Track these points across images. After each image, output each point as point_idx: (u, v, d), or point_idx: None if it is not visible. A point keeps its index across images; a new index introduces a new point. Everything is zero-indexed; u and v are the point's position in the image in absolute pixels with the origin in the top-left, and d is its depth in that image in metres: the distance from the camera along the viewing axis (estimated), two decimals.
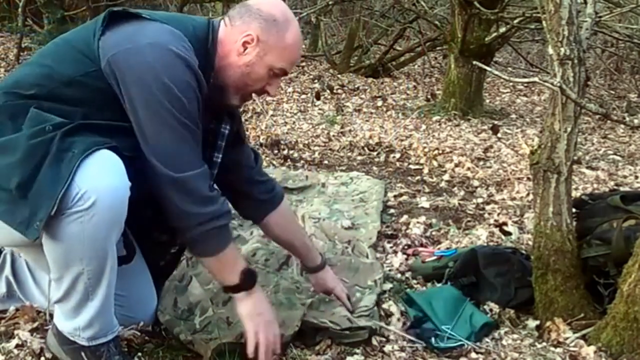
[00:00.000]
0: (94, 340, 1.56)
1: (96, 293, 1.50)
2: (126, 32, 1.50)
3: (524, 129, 5.21)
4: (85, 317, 1.53)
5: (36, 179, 1.37)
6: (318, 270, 2.00)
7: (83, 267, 1.46)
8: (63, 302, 1.53)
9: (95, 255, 1.46)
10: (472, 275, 2.17)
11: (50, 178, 1.37)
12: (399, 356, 1.81)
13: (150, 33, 1.50)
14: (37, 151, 1.38)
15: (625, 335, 1.78)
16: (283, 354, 1.73)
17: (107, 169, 1.41)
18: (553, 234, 1.94)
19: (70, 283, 1.48)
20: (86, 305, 1.52)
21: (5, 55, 7.13)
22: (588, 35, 1.94)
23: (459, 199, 3.27)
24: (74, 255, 1.44)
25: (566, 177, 1.93)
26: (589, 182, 3.64)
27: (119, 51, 1.47)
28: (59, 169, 1.37)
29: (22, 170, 1.37)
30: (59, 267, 1.47)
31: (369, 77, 7.28)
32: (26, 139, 1.40)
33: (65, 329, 1.57)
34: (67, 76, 1.50)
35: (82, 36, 1.55)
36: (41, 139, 1.39)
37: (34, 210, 1.37)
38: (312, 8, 7.13)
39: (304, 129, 4.83)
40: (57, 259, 1.46)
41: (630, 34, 5.55)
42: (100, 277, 1.49)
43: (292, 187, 3.22)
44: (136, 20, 1.53)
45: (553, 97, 1.91)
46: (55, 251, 1.44)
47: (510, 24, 5.24)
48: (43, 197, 1.36)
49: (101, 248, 1.46)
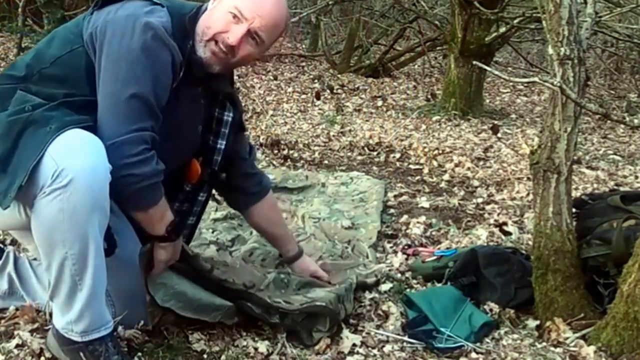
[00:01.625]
0: (86, 335, 1.56)
1: (83, 281, 1.50)
2: (110, 9, 1.58)
3: (524, 129, 5.21)
4: (76, 308, 1.53)
5: (14, 153, 1.44)
6: (297, 258, 2.11)
7: (66, 251, 1.47)
8: (55, 293, 1.54)
9: (76, 237, 1.46)
10: (472, 275, 2.17)
11: (26, 151, 1.43)
12: (398, 356, 1.81)
13: (131, 7, 1.57)
14: (14, 127, 1.46)
15: (625, 335, 1.78)
16: None
17: (86, 149, 1.44)
18: (553, 234, 1.94)
19: (58, 269, 1.49)
20: (76, 296, 1.52)
21: (5, 55, 7.12)
22: (588, 35, 1.94)
23: (459, 199, 3.27)
24: (56, 237, 1.46)
25: (566, 177, 1.93)
26: (589, 182, 3.64)
27: (99, 24, 1.55)
28: (35, 142, 1.43)
29: (1, 145, 1.45)
30: (45, 251, 1.49)
31: (369, 77, 7.29)
32: (6, 117, 1.48)
33: (60, 324, 1.57)
34: (54, 55, 1.58)
35: (77, 20, 1.66)
36: (19, 116, 1.47)
37: (11, 181, 1.42)
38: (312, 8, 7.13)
39: (304, 129, 4.83)
40: (42, 242, 1.48)
41: (630, 34, 5.55)
42: (85, 263, 1.49)
43: (292, 187, 3.22)
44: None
45: (553, 97, 1.91)
46: (40, 233, 1.47)
47: (510, 24, 5.24)
48: (19, 169, 1.42)
49: (82, 229, 1.45)
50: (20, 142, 1.44)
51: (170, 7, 1.62)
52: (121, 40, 1.52)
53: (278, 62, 7.92)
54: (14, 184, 1.41)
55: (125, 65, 1.51)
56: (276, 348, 1.78)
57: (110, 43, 1.53)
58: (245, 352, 1.75)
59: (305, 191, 3.22)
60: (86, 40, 1.56)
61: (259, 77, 6.77)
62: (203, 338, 1.79)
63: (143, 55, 1.52)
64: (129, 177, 1.52)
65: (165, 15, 1.59)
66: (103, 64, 1.54)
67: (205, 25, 1.66)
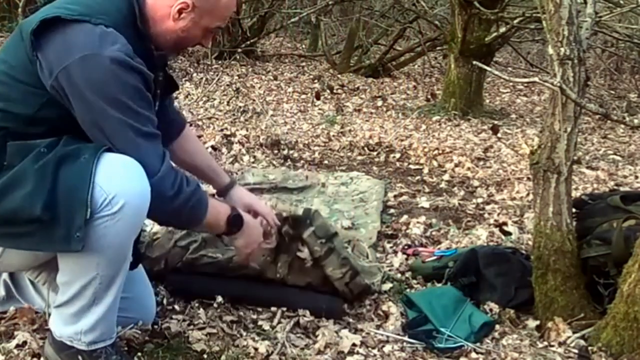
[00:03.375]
0: (94, 344, 1.55)
1: (103, 299, 1.50)
2: (57, 48, 1.41)
3: (524, 129, 5.21)
4: (88, 321, 1.52)
5: (57, 197, 1.36)
6: (230, 188, 1.91)
7: (97, 273, 1.46)
8: (64, 307, 1.52)
9: (113, 260, 1.46)
10: (472, 275, 2.17)
11: (72, 188, 1.36)
12: (398, 356, 1.81)
13: (80, 42, 1.41)
14: (46, 171, 1.37)
15: (625, 335, 1.78)
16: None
17: (132, 172, 1.41)
18: (553, 234, 1.94)
19: (79, 289, 1.48)
20: (89, 311, 1.51)
21: None
22: (588, 35, 1.94)
23: (459, 199, 3.27)
24: (91, 261, 1.44)
25: (566, 177, 1.93)
26: (589, 182, 3.64)
27: (57, 74, 1.40)
28: (77, 176, 1.37)
29: (41, 193, 1.36)
30: (72, 272, 1.47)
31: (369, 77, 7.28)
32: (30, 165, 1.38)
33: (65, 333, 1.55)
34: (26, 115, 1.46)
35: (19, 64, 1.46)
36: (45, 160, 1.38)
37: (68, 223, 1.36)
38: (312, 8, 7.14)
39: (304, 129, 4.82)
40: (73, 265, 1.46)
41: (630, 34, 5.55)
42: (112, 283, 1.49)
43: (292, 187, 3.22)
44: (62, 26, 1.42)
45: (553, 97, 1.91)
46: (73, 257, 1.44)
47: (510, 24, 5.24)
48: (72, 207, 1.35)
49: (121, 253, 1.47)
50: (59, 182, 1.36)
51: (108, 19, 1.46)
52: (98, 91, 1.40)
53: (278, 62, 7.92)
54: (74, 224, 1.35)
55: (118, 111, 1.42)
56: (276, 348, 1.78)
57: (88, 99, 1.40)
58: (245, 352, 1.75)
59: (305, 191, 3.22)
60: (51, 92, 1.43)
61: (259, 77, 6.77)
62: (203, 338, 1.79)
63: (125, 97, 1.43)
64: (181, 206, 1.51)
65: (117, 36, 1.44)
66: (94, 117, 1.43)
67: (181, 44, 1.63)
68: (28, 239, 1.39)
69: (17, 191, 1.37)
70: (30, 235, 1.39)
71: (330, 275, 1.95)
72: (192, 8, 1.55)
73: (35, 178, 1.37)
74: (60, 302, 1.53)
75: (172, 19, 1.56)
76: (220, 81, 6.11)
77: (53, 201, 1.36)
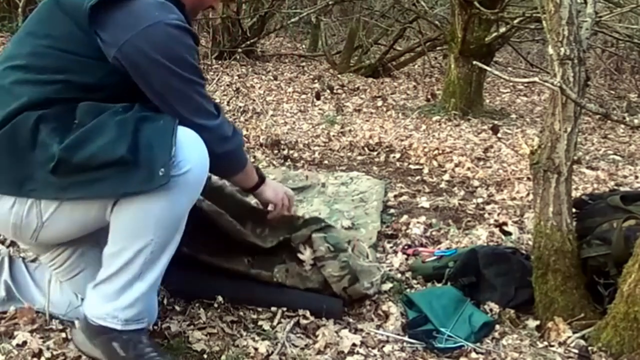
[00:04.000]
0: (129, 324, 1.55)
1: (148, 273, 1.52)
2: (120, 22, 1.49)
3: (524, 129, 5.21)
4: (130, 297, 1.53)
5: (139, 144, 1.41)
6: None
7: (152, 238, 1.48)
8: (106, 282, 1.53)
9: (169, 225, 1.50)
10: (472, 275, 2.17)
11: (154, 136, 1.42)
12: (398, 356, 1.81)
13: (142, 15, 1.49)
14: (127, 124, 1.43)
15: (625, 335, 1.78)
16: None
17: (198, 145, 1.50)
18: (553, 234, 1.94)
19: (131, 256, 1.49)
20: (132, 286, 1.52)
21: None
22: (588, 35, 1.94)
23: (459, 199, 3.27)
24: (150, 224, 1.47)
25: (566, 177, 1.93)
26: (589, 182, 3.64)
27: (121, 46, 1.47)
28: (159, 131, 1.44)
29: (124, 139, 1.40)
30: (126, 236, 1.49)
31: (369, 77, 7.28)
32: (109, 118, 1.44)
33: (101, 311, 1.55)
34: (87, 83, 1.51)
35: (67, 37, 1.51)
36: (124, 116, 1.44)
37: (150, 164, 1.41)
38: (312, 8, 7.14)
39: (304, 129, 4.82)
40: (130, 228, 1.48)
41: (630, 34, 5.56)
42: (162, 252, 1.52)
43: (292, 187, 3.21)
44: (120, 2, 1.49)
45: (553, 97, 1.91)
46: (133, 219, 1.47)
47: (510, 24, 5.23)
48: (156, 149, 1.41)
49: (177, 219, 1.51)
50: (141, 133, 1.42)
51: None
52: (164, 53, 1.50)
53: (278, 62, 7.92)
54: (158, 161, 1.40)
55: (183, 69, 1.53)
56: (276, 348, 1.78)
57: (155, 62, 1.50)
58: (245, 352, 1.75)
59: (305, 191, 3.22)
60: (114, 62, 1.49)
61: (259, 77, 6.77)
62: (203, 338, 1.79)
63: (189, 55, 1.55)
64: (235, 147, 1.70)
65: (171, 6, 1.55)
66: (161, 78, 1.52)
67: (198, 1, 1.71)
68: (107, 182, 1.42)
69: (97, 139, 1.42)
70: (109, 179, 1.41)
71: (328, 276, 1.95)
72: None
73: (117, 128, 1.42)
74: (101, 278, 1.54)
75: None
76: (220, 81, 6.11)
77: (135, 146, 1.41)
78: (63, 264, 1.75)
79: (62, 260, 1.75)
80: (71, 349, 1.66)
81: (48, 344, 1.67)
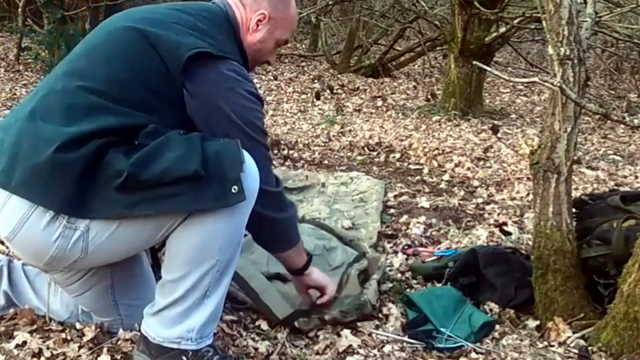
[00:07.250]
0: (202, 341, 1.54)
1: (216, 289, 1.52)
2: (207, 79, 1.53)
3: (524, 129, 5.21)
4: (202, 316, 1.52)
5: (209, 159, 1.41)
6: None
7: (218, 258, 1.48)
8: (170, 308, 1.51)
9: (234, 243, 1.50)
10: (472, 275, 2.17)
11: (222, 150, 1.43)
12: (398, 356, 1.81)
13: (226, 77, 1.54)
14: (194, 141, 1.43)
15: (625, 335, 1.78)
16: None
17: (254, 170, 1.50)
18: (553, 234, 1.94)
19: (197, 279, 1.48)
20: (201, 304, 1.51)
21: (5, 55, 7.13)
22: (588, 35, 1.94)
23: (459, 199, 3.27)
24: (216, 244, 1.47)
25: (566, 177, 1.93)
26: (589, 182, 3.64)
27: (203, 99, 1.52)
28: (223, 143, 1.45)
29: (195, 153, 1.40)
30: (191, 260, 1.48)
31: (369, 77, 7.28)
32: (176, 135, 1.45)
33: (171, 335, 1.52)
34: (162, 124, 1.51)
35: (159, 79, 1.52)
36: (189, 135, 1.45)
37: (222, 180, 1.41)
38: (312, 8, 7.14)
39: (304, 129, 4.83)
40: (197, 250, 1.47)
41: (630, 34, 5.55)
42: (227, 270, 1.52)
43: (292, 187, 3.22)
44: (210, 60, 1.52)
45: (553, 97, 1.91)
46: (199, 239, 1.46)
47: (510, 24, 5.24)
48: (226, 166, 1.42)
49: (240, 236, 1.52)
50: (208, 149, 1.42)
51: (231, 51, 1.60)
52: (240, 116, 1.55)
53: (278, 62, 7.92)
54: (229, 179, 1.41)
55: (255, 133, 1.57)
56: (276, 348, 1.78)
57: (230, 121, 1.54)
58: (245, 352, 1.75)
59: (305, 191, 3.22)
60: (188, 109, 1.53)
61: (259, 77, 6.77)
62: None
63: (260, 122, 1.60)
64: (290, 219, 1.70)
65: (247, 73, 1.60)
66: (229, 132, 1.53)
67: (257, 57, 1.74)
68: (179, 197, 1.41)
69: (168, 153, 1.41)
70: (182, 194, 1.40)
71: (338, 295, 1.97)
72: (268, 19, 1.68)
73: (186, 143, 1.42)
74: (165, 304, 1.51)
75: (251, 31, 1.68)
76: None
77: (206, 162, 1.40)
78: (73, 284, 1.68)
79: (74, 281, 1.68)
80: (71, 349, 1.66)
81: (48, 344, 1.67)
